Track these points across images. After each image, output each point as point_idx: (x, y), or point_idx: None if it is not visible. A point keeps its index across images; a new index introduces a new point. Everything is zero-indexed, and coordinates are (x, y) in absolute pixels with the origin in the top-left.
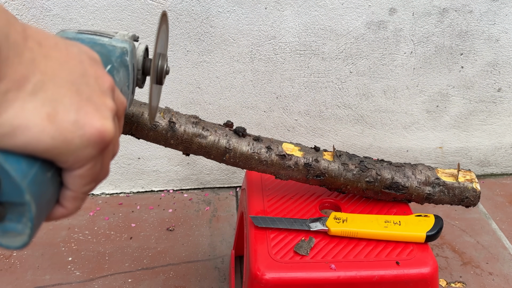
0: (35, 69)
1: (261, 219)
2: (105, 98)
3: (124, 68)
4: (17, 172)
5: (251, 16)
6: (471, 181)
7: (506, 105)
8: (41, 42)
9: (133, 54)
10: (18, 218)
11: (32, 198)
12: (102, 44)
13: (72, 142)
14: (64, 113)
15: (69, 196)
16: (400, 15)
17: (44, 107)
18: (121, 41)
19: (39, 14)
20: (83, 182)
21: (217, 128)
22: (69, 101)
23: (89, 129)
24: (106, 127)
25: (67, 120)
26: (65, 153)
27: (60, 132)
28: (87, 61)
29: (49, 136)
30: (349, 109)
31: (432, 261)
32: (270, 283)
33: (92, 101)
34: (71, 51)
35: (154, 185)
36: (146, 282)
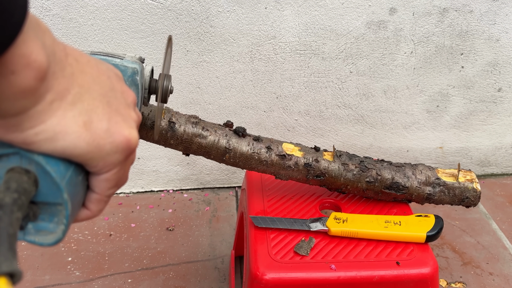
0: (74, 82)
1: (261, 219)
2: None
3: (134, 87)
4: (57, 173)
5: (251, 16)
6: (471, 181)
7: (507, 105)
8: (78, 59)
9: (142, 74)
10: (50, 218)
11: (69, 197)
12: (115, 64)
13: (103, 147)
14: (97, 121)
15: (94, 198)
16: (400, 14)
17: (81, 116)
18: (132, 62)
19: (39, 14)
20: (108, 186)
21: (217, 128)
22: (102, 111)
23: (119, 136)
24: (133, 135)
25: (100, 128)
26: (96, 158)
27: (94, 138)
28: (114, 78)
29: (84, 142)
30: (349, 109)
31: (433, 261)
32: (270, 283)
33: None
34: (101, 68)
35: (154, 185)
36: (146, 282)
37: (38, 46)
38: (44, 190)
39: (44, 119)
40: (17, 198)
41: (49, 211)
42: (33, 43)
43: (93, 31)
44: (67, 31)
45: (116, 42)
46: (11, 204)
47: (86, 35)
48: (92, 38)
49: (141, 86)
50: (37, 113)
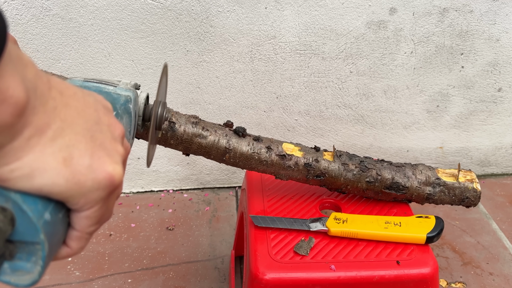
0: (56, 117)
1: (261, 219)
2: (116, 144)
3: (127, 115)
4: (33, 212)
5: (251, 16)
6: (471, 181)
7: (507, 105)
8: (62, 91)
9: (136, 102)
10: (27, 257)
11: (46, 237)
12: (107, 92)
13: (84, 184)
14: (79, 157)
15: (75, 236)
16: (401, 14)
17: (61, 152)
18: (125, 89)
19: (39, 14)
20: (89, 223)
21: (217, 128)
22: (84, 146)
23: (101, 173)
24: (117, 171)
25: (81, 164)
26: (76, 195)
27: (74, 175)
28: (102, 110)
29: (64, 179)
30: (349, 109)
31: (433, 261)
32: (270, 283)
33: (105, 147)
34: (88, 100)
35: (154, 185)
36: (146, 282)
37: (16, 81)
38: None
39: (21, 156)
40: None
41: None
42: (11, 78)
43: (93, 31)
44: (67, 31)
45: (116, 42)
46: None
47: (86, 35)
48: (92, 38)
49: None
50: (14, 150)
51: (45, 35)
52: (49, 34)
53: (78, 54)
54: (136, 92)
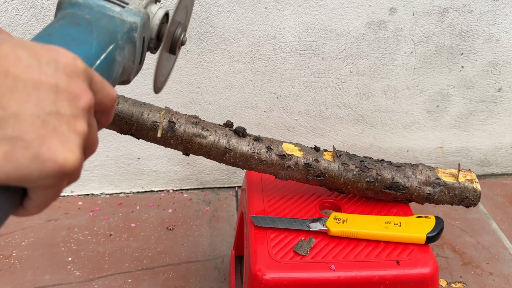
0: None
1: (261, 219)
2: (76, 123)
3: (130, 45)
4: None
5: (251, 16)
6: (471, 181)
7: (507, 105)
8: (8, 69)
9: (144, 27)
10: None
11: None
12: (110, 16)
13: (30, 175)
14: (22, 150)
15: (31, 204)
16: (400, 14)
17: (1, 146)
18: (134, 13)
19: (39, 14)
20: (44, 200)
21: (217, 128)
22: (31, 136)
23: (49, 163)
24: (68, 160)
25: (26, 157)
26: (24, 184)
27: (16, 169)
28: (64, 80)
29: (4, 174)
30: (349, 109)
31: (433, 261)
32: (270, 283)
33: (58, 132)
34: (45, 72)
35: (154, 185)
36: (146, 282)
37: None
38: None
39: None
40: None
41: None
42: None
43: None
44: None
45: None
46: None
47: None
48: None
49: (141, 41)
50: None
51: None
52: None
53: None
54: (147, 15)
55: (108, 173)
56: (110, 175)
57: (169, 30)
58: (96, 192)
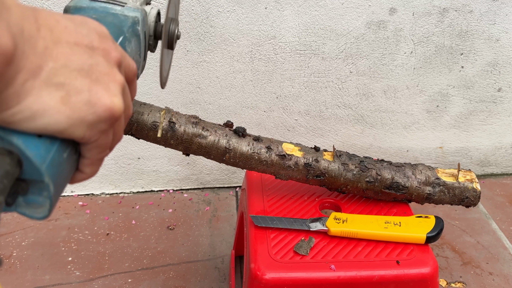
0: (48, 57)
1: (261, 219)
2: (114, 74)
3: (135, 38)
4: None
5: (251, 16)
6: (471, 181)
7: (506, 105)
8: (52, 28)
9: (144, 22)
10: (39, 192)
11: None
12: (114, 14)
13: (85, 119)
14: (76, 95)
15: (87, 163)
16: (400, 15)
17: (58, 91)
18: (133, 9)
19: None
20: (98, 151)
21: (217, 128)
22: (80, 83)
23: (100, 107)
24: (115, 103)
25: (80, 101)
26: (80, 130)
27: (74, 112)
28: (96, 39)
29: (64, 116)
30: (349, 109)
31: (432, 261)
32: (270, 283)
33: (101, 81)
34: (80, 32)
35: (154, 185)
36: (146, 282)
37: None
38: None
39: (19, 100)
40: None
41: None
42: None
43: None
44: None
45: None
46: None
47: None
48: None
49: (143, 35)
50: (10, 96)
51: None
52: None
53: None
54: (144, 11)
55: (108, 173)
56: (110, 175)
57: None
58: (96, 192)
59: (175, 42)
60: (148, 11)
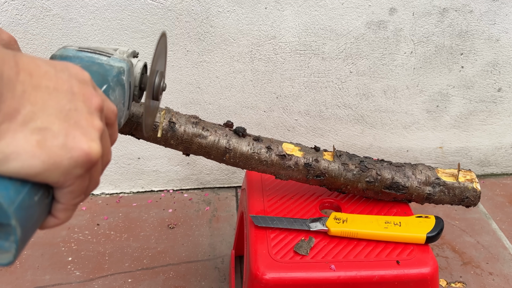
0: (26, 101)
1: (261, 219)
2: (93, 119)
3: (120, 87)
4: (4, 198)
5: (251, 16)
6: (471, 181)
7: (506, 105)
8: (32, 72)
9: (130, 73)
10: (5, 236)
11: (18, 222)
12: (100, 64)
13: (61, 164)
14: (52, 139)
15: (60, 208)
16: (400, 15)
17: (34, 135)
18: (119, 60)
19: (39, 14)
20: (73, 196)
21: (217, 128)
22: (58, 127)
23: (77, 151)
24: (93, 149)
25: (56, 145)
26: (54, 175)
27: (50, 156)
28: (76, 85)
29: (39, 160)
30: (349, 109)
31: (432, 261)
32: (270, 283)
33: (80, 125)
34: (61, 78)
35: (154, 185)
36: (146, 282)
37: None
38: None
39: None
40: None
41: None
42: None
43: (93, 31)
44: (67, 31)
45: (116, 42)
46: None
47: (86, 35)
48: (92, 38)
49: (128, 85)
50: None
51: (45, 35)
52: (49, 34)
53: None
54: (131, 63)
55: (108, 173)
56: (110, 175)
57: (149, 80)
58: (96, 192)
59: (161, 93)
60: (134, 63)
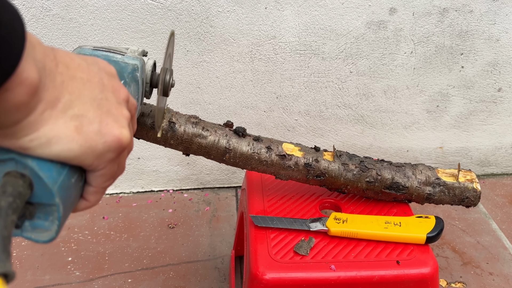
0: (64, 90)
1: (261, 219)
2: (122, 109)
3: (134, 83)
4: (49, 178)
5: (251, 16)
6: (471, 181)
7: (507, 105)
8: (68, 64)
9: (143, 70)
10: (45, 216)
11: (60, 200)
12: (115, 61)
13: (96, 148)
14: (88, 125)
15: (91, 191)
16: (400, 14)
17: (72, 121)
18: (133, 58)
19: (39, 14)
20: (104, 179)
21: (217, 128)
22: (93, 114)
23: (110, 137)
24: (124, 134)
25: (92, 131)
26: (90, 158)
27: (86, 140)
28: (106, 77)
29: (77, 144)
30: (349, 109)
31: (432, 261)
32: (270, 283)
33: (111, 113)
34: (92, 70)
35: (154, 185)
36: (146, 282)
37: (30, 64)
38: (38, 192)
39: (37, 128)
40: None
41: (45, 211)
42: (26, 62)
43: (93, 31)
44: (67, 31)
45: (116, 42)
46: (7, 208)
47: (86, 35)
48: (92, 38)
49: (141, 81)
50: (30, 123)
51: (45, 35)
52: (49, 34)
53: None
54: (143, 60)
55: None
56: None
57: (161, 77)
58: None
59: (170, 89)
60: (145, 61)
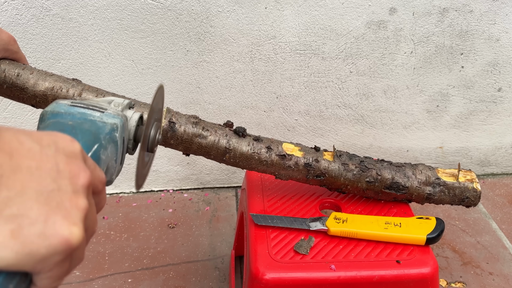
0: (2, 186)
1: (261, 217)
2: (78, 199)
3: (113, 144)
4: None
5: (251, 16)
6: (471, 181)
7: (507, 105)
8: (13, 152)
9: (124, 128)
10: None
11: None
12: (92, 121)
13: (37, 253)
14: (29, 226)
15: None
16: (400, 14)
17: (8, 224)
18: (113, 116)
19: (39, 14)
20: (51, 281)
21: (217, 128)
22: (36, 213)
23: (55, 238)
24: (74, 234)
25: (33, 233)
26: (31, 264)
27: (25, 245)
28: (63, 161)
29: (12, 252)
30: (349, 109)
31: (433, 261)
32: (270, 283)
33: (62, 207)
34: (45, 154)
35: (154, 185)
36: (146, 282)
37: None
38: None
39: None
40: None
41: None
42: None
43: (93, 31)
44: (67, 31)
45: (116, 42)
46: None
47: (86, 35)
48: (92, 38)
49: (122, 140)
50: None
51: (45, 35)
52: (49, 34)
53: (78, 54)
54: (125, 117)
55: None
56: None
57: (144, 132)
58: None
59: (156, 146)
60: (129, 116)
